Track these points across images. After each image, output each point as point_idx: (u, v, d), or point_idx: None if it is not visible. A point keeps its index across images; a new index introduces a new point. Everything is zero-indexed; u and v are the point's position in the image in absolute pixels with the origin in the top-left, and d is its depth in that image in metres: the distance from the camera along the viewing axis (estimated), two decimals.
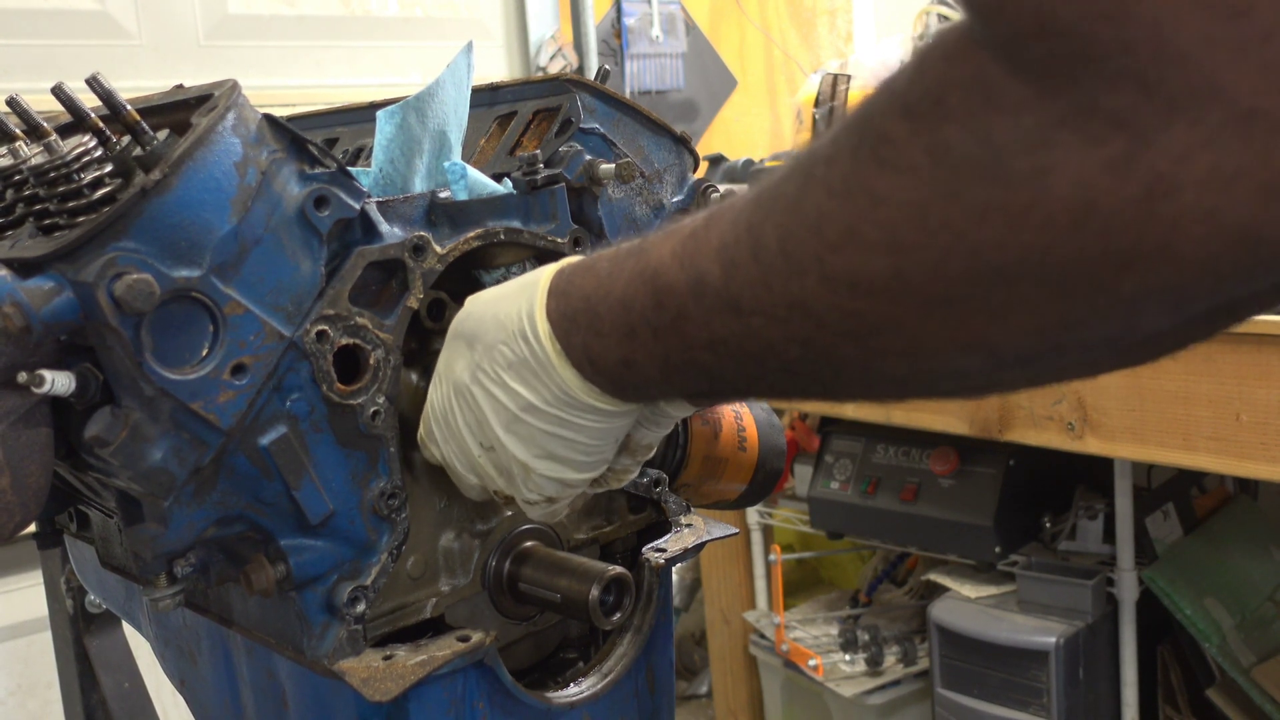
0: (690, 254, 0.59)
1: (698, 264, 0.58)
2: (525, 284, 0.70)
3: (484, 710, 0.79)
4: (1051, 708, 1.86)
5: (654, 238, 0.63)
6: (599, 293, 0.64)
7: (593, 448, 0.70)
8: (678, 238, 0.61)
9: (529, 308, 0.67)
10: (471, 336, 0.71)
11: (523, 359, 0.67)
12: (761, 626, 2.40)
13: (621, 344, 0.63)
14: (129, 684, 1.32)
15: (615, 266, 0.64)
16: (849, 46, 3.51)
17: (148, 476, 0.65)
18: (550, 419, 0.68)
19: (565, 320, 0.66)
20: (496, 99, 0.93)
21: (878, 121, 0.48)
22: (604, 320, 0.63)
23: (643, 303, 0.61)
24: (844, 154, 0.50)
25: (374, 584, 0.75)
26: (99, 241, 0.61)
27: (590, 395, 0.66)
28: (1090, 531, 1.96)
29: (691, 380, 0.63)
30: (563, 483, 0.71)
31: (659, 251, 0.61)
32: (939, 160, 0.46)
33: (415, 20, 2.61)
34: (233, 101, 0.66)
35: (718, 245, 0.57)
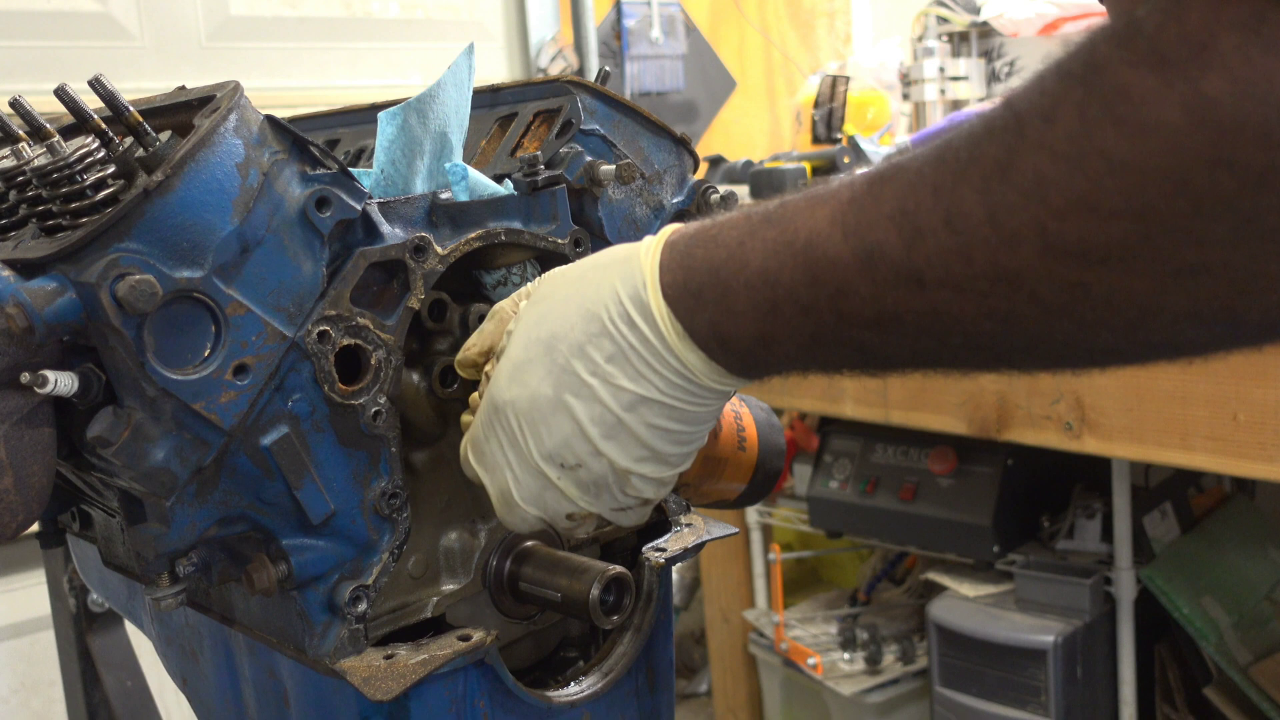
0: (856, 222, 0.52)
1: (867, 233, 0.52)
2: (615, 262, 0.63)
3: (485, 709, 0.79)
4: (1050, 706, 1.86)
5: (794, 204, 0.57)
6: (730, 265, 0.58)
7: (694, 435, 0.65)
8: (833, 205, 0.54)
9: (633, 288, 0.61)
10: (550, 341, 0.64)
11: (628, 348, 0.61)
12: (761, 625, 2.41)
13: (761, 321, 0.57)
14: (131, 682, 1.33)
15: (748, 236, 0.57)
16: (848, 48, 3.51)
17: (150, 476, 0.66)
18: (662, 411, 0.62)
19: (688, 297, 0.59)
20: (497, 100, 0.94)
21: (1115, 72, 0.42)
22: (738, 296, 0.57)
23: (791, 276, 0.55)
24: (1068, 110, 0.44)
25: (375, 583, 0.75)
26: (101, 242, 0.61)
27: (714, 378, 0.61)
28: (1088, 531, 1.96)
29: (841, 357, 0.57)
30: (660, 482, 0.67)
31: (810, 219, 0.55)
32: (1203, 122, 0.40)
33: (416, 22, 2.62)
34: (235, 103, 0.66)
35: (893, 211, 0.51)
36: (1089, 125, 0.43)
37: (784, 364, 0.60)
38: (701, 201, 0.92)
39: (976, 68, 2.52)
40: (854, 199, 0.53)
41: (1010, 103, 0.47)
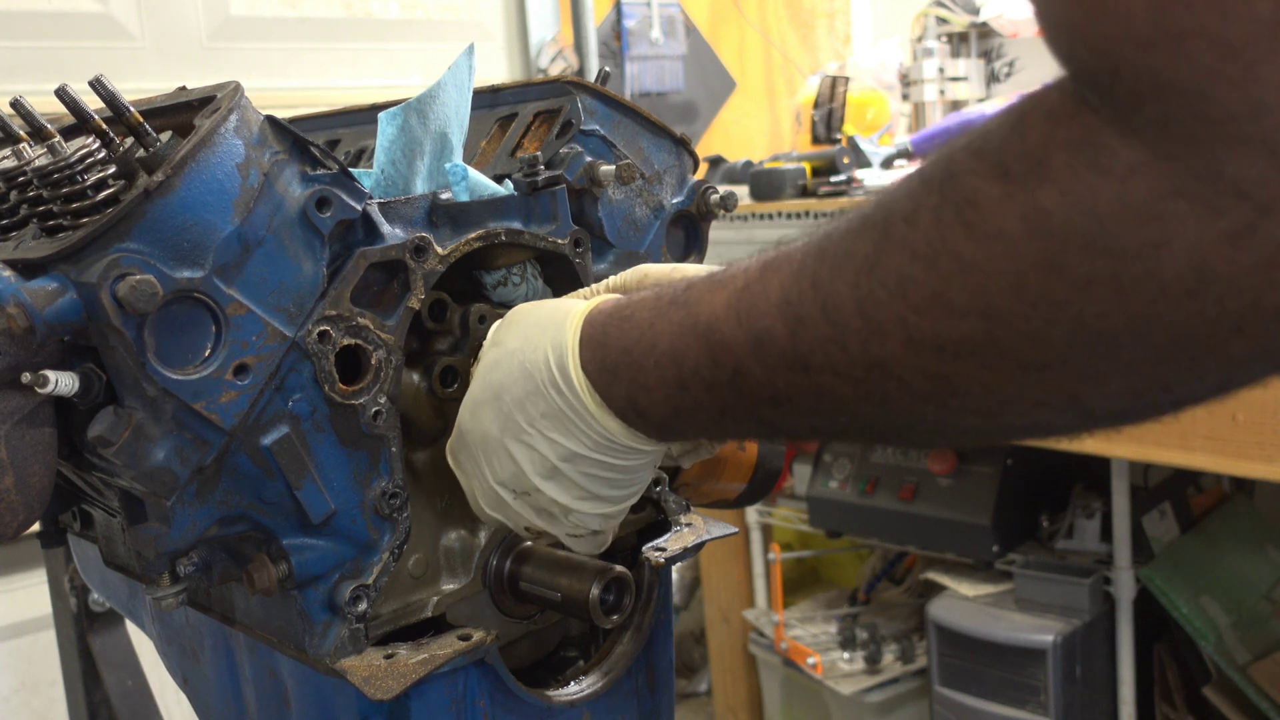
0: (747, 309, 0.56)
1: (756, 320, 0.56)
2: (548, 326, 0.67)
3: (485, 708, 0.79)
4: (1049, 705, 1.86)
5: (699, 287, 0.61)
6: (641, 345, 0.62)
7: (634, 479, 0.69)
8: (730, 290, 0.58)
9: (559, 358, 0.65)
10: (498, 389, 0.69)
11: (558, 409, 0.65)
12: (761, 625, 2.41)
13: (672, 397, 0.61)
14: (132, 682, 1.33)
15: (657, 317, 0.62)
16: (847, 48, 3.52)
17: (150, 476, 0.66)
18: (593, 464, 0.67)
19: (605, 373, 0.64)
20: (497, 101, 0.94)
21: (965, 181, 0.46)
22: (649, 374, 0.61)
23: (695, 358, 0.59)
24: (925, 214, 0.48)
25: (375, 583, 0.75)
26: (102, 242, 0.61)
27: (636, 440, 0.65)
28: (1087, 530, 1.97)
29: (748, 428, 0.61)
30: (605, 516, 0.71)
31: (710, 304, 0.59)
32: (1036, 230, 0.43)
33: (417, 22, 2.62)
34: (235, 103, 0.66)
35: (779, 301, 0.55)
36: (943, 229, 0.47)
37: (698, 432, 0.65)
38: (701, 201, 0.92)
39: (976, 68, 2.52)
40: (747, 286, 0.57)
41: (881, 203, 0.51)
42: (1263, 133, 0.38)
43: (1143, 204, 0.41)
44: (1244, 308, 0.41)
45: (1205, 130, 0.39)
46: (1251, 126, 0.38)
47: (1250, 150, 0.38)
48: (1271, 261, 0.40)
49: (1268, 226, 0.39)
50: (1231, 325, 0.42)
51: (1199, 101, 0.38)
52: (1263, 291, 0.40)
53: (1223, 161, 0.39)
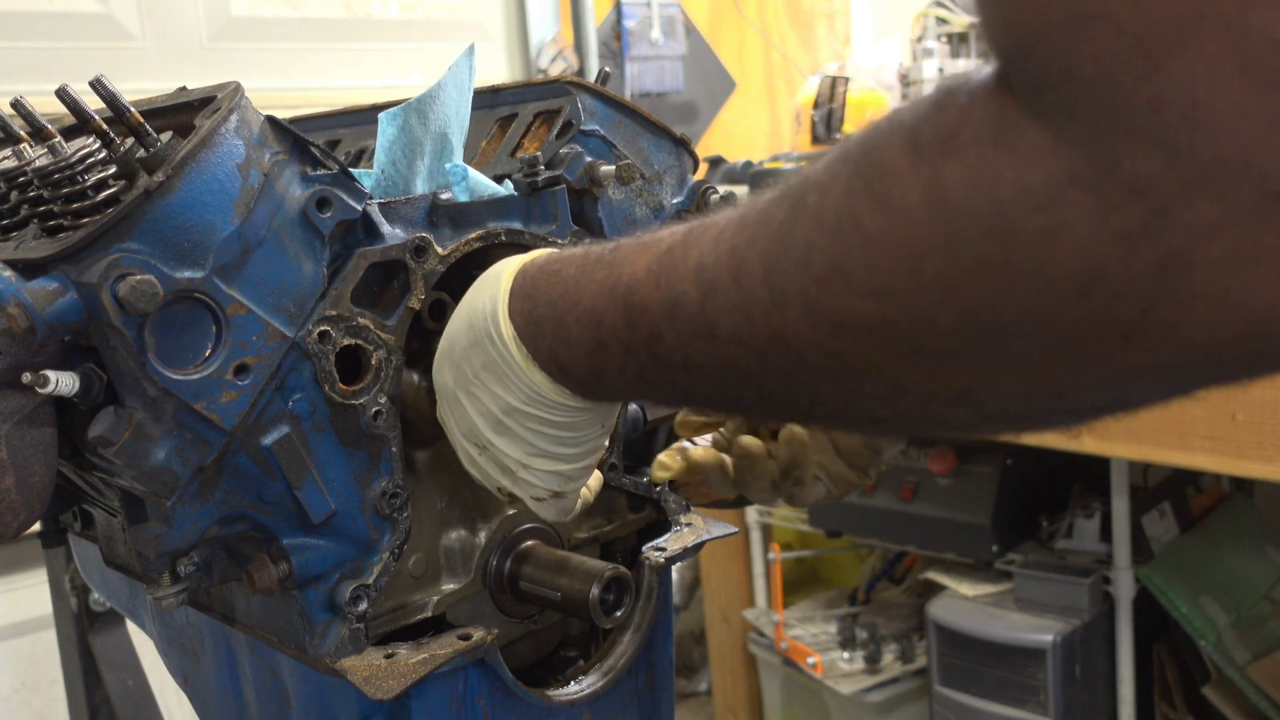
0: (666, 272, 0.56)
1: (673, 284, 0.55)
2: (488, 279, 0.68)
3: (485, 708, 0.79)
4: (1049, 705, 1.86)
5: (626, 248, 0.61)
6: (565, 301, 0.62)
7: (580, 438, 0.69)
8: (653, 253, 0.58)
9: (493, 309, 0.66)
10: (452, 339, 0.70)
11: (493, 360, 0.66)
12: (760, 624, 2.41)
13: (590, 355, 0.61)
14: (133, 681, 1.33)
15: (583, 275, 0.62)
16: (847, 49, 3.52)
17: (151, 476, 0.66)
18: (531, 418, 0.67)
19: (530, 325, 0.64)
20: (498, 101, 0.94)
21: (878, 153, 0.45)
22: (571, 330, 0.62)
23: (613, 319, 0.59)
24: (838, 183, 0.47)
25: (376, 583, 0.75)
26: (103, 243, 0.61)
27: (562, 396, 0.65)
28: (1087, 530, 1.97)
29: (665, 395, 0.61)
30: (561, 475, 0.70)
31: (632, 266, 0.59)
32: (937, 206, 0.42)
33: (417, 23, 2.62)
34: (236, 104, 0.67)
35: (695, 266, 0.54)
36: (851, 198, 0.46)
37: (618, 393, 0.64)
38: (701, 202, 0.92)
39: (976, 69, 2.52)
40: (670, 250, 0.57)
41: (803, 173, 0.50)
42: (1162, 128, 0.36)
43: (1040, 189, 0.40)
44: (1134, 315, 0.39)
45: (1107, 119, 0.38)
46: (1151, 120, 0.37)
47: (1148, 146, 0.37)
48: (1163, 267, 0.38)
49: (1161, 229, 0.37)
50: (1120, 332, 0.40)
51: (1103, 89, 0.37)
52: (1154, 300, 0.39)
53: (1121, 154, 0.37)
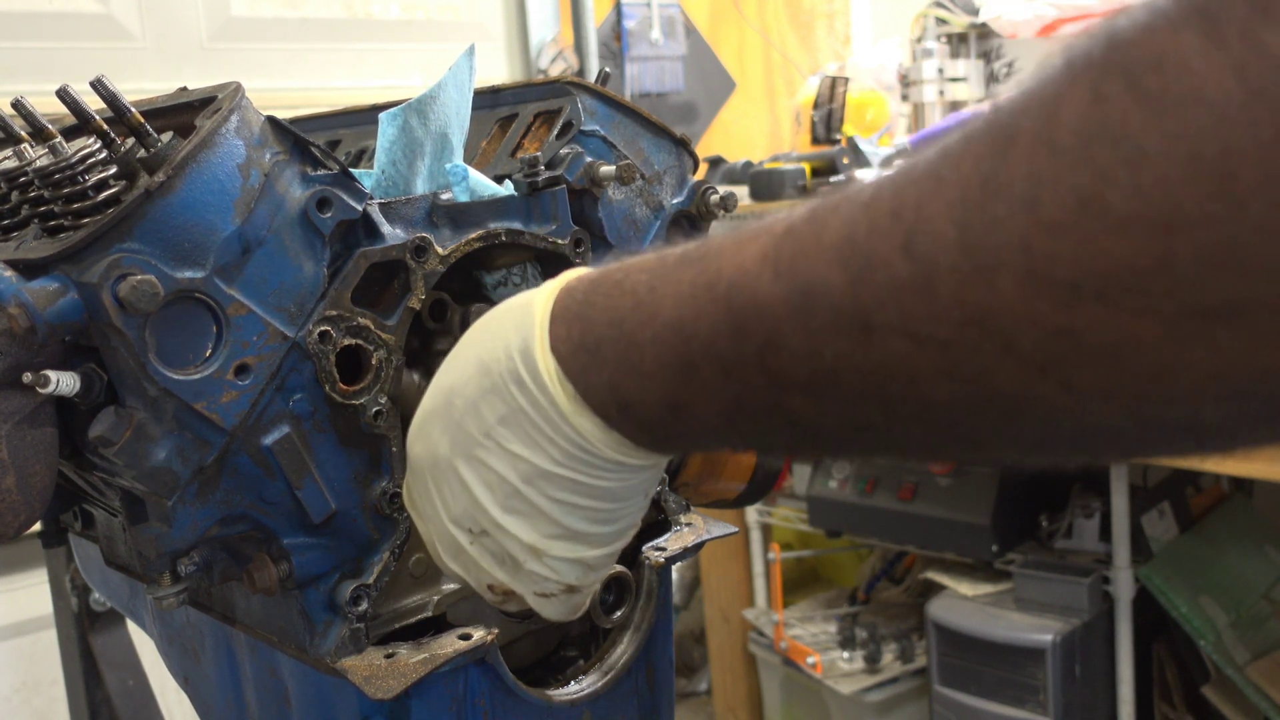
0: (791, 256, 0.42)
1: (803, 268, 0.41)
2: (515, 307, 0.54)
3: (485, 708, 0.79)
4: (1048, 705, 1.86)
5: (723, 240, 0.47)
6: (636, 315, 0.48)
7: (618, 512, 0.55)
8: (766, 238, 0.44)
9: (524, 340, 0.51)
10: (449, 393, 0.55)
11: (518, 409, 0.52)
12: (760, 624, 2.41)
13: (671, 383, 0.47)
14: (133, 681, 1.33)
15: (660, 279, 0.47)
16: (847, 49, 3.52)
17: (151, 476, 0.66)
18: (563, 485, 0.52)
19: (582, 353, 0.50)
20: (498, 101, 0.94)
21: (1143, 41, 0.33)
22: (645, 352, 0.47)
23: (710, 327, 0.44)
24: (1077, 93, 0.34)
25: (376, 582, 0.75)
26: (103, 243, 0.62)
27: (616, 450, 0.51)
28: (1087, 530, 1.97)
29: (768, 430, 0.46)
30: (583, 564, 0.56)
31: (736, 257, 0.45)
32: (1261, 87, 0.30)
33: (417, 23, 2.62)
34: (236, 104, 0.67)
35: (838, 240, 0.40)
36: (1104, 105, 0.33)
37: (699, 436, 0.49)
38: (701, 202, 0.92)
39: (975, 69, 2.52)
40: (791, 230, 0.43)
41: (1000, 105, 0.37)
42: None
43: None
44: None
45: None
46: None
47: None
48: None
49: None
50: None
51: None
52: None
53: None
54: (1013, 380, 0.37)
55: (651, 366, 0.47)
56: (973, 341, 0.37)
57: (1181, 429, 0.37)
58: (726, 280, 0.44)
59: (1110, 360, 0.35)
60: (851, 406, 0.42)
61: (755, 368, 0.43)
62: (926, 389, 0.39)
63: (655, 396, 0.48)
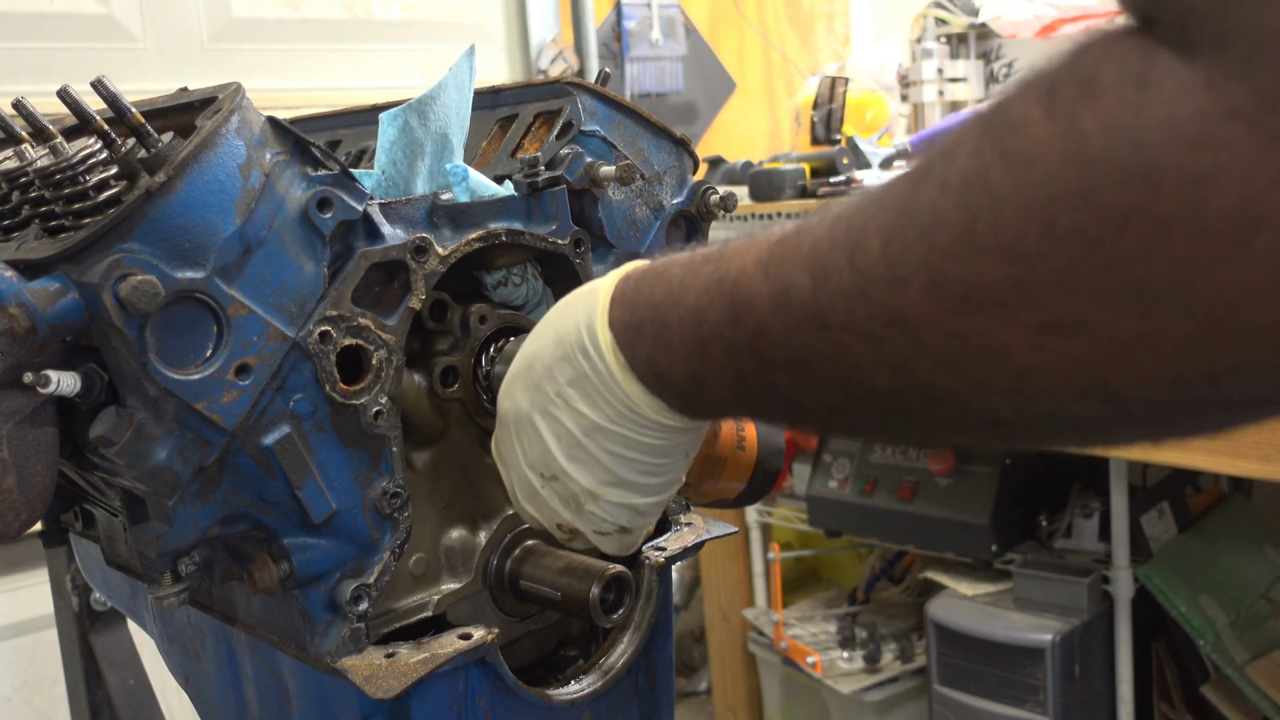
0: (778, 261, 0.52)
1: (785, 272, 0.52)
2: (585, 292, 0.65)
3: (485, 707, 0.79)
4: (1048, 704, 1.87)
5: (736, 244, 0.57)
6: (669, 301, 0.59)
7: (663, 467, 0.66)
8: (764, 244, 0.55)
9: (589, 318, 0.63)
10: (531, 358, 0.67)
11: (583, 374, 0.63)
12: (760, 624, 2.41)
13: (691, 358, 0.57)
14: (134, 681, 1.33)
15: (689, 273, 0.58)
16: (847, 49, 3.52)
17: (152, 476, 0.66)
18: (616, 439, 0.63)
19: (630, 330, 0.61)
20: (498, 102, 0.94)
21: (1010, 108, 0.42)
22: (673, 331, 0.58)
23: (717, 314, 0.55)
24: (965, 146, 0.44)
25: (376, 582, 0.76)
26: (104, 243, 0.62)
27: (657, 411, 0.61)
28: (1086, 530, 1.97)
29: (766, 404, 0.56)
30: (634, 509, 0.67)
31: (741, 259, 0.55)
32: (1073, 155, 0.39)
33: (417, 24, 2.62)
34: (237, 104, 0.67)
35: (809, 251, 0.51)
36: (980, 158, 0.43)
37: (717, 406, 0.60)
38: (701, 202, 0.92)
39: (975, 69, 2.53)
40: (782, 240, 0.53)
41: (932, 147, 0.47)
42: None
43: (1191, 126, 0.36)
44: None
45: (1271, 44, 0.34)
46: None
47: None
48: None
49: None
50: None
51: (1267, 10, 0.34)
52: None
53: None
54: (927, 371, 0.47)
55: (677, 343, 0.58)
56: (896, 338, 0.46)
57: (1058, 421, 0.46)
58: (732, 277, 0.55)
59: (989, 360, 0.44)
60: (820, 385, 0.52)
61: (748, 350, 0.54)
62: (870, 376, 0.49)
63: (680, 369, 0.58)
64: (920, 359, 0.46)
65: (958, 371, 0.45)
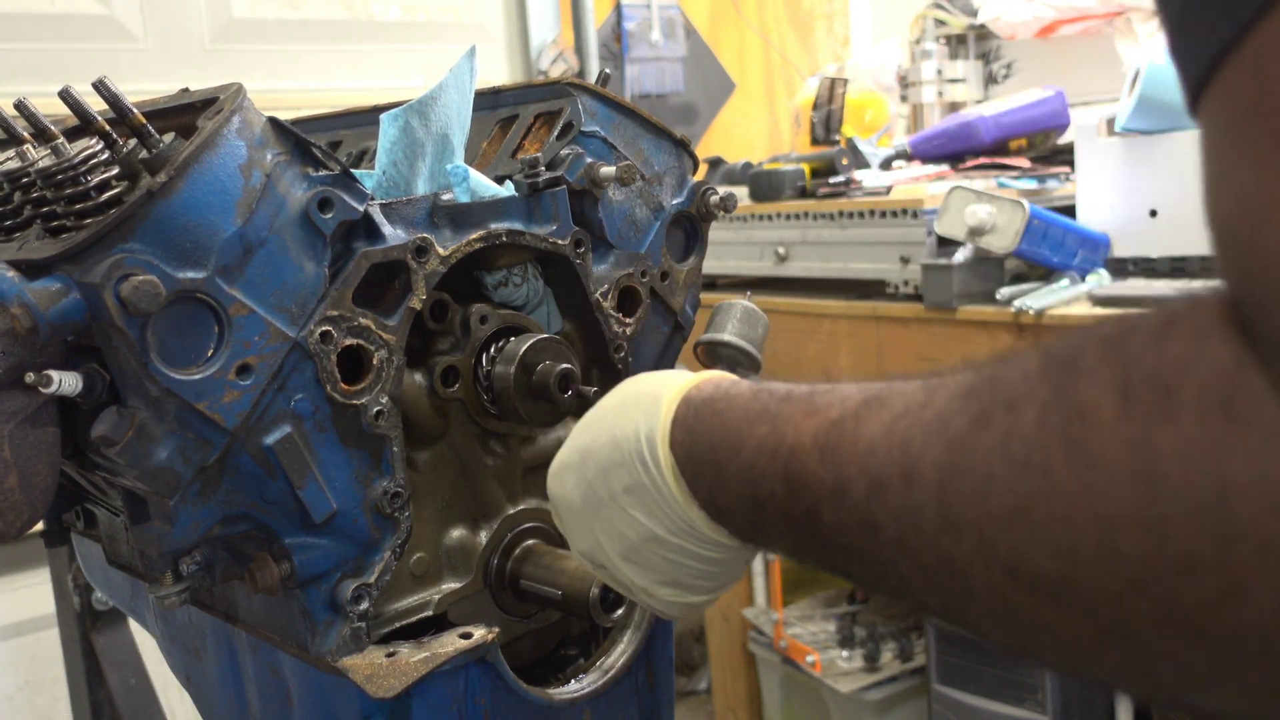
0: (834, 447, 0.51)
1: (840, 465, 0.50)
2: (644, 397, 0.64)
3: (486, 706, 0.79)
4: (1047, 703, 1.87)
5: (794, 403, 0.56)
6: (726, 447, 0.58)
7: (720, 574, 0.64)
8: (821, 419, 0.53)
9: (649, 430, 0.62)
10: (584, 453, 0.66)
11: (641, 485, 0.62)
12: (760, 623, 2.41)
13: (749, 511, 0.57)
14: (135, 680, 1.33)
15: (745, 423, 0.57)
16: (846, 50, 3.52)
17: (153, 475, 0.66)
18: (674, 549, 0.62)
19: (691, 461, 0.60)
20: (498, 102, 0.94)
21: (1083, 386, 0.38)
22: (730, 481, 0.57)
23: (772, 484, 0.54)
24: (1029, 411, 0.40)
25: (377, 582, 0.76)
26: (105, 243, 0.62)
27: (719, 534, 0.61)
28: None
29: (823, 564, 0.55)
30: (688, 605, 0.66)
31: (797, 430, 0.54)
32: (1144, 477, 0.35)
33: (418, 24, 2.62)
34: (238, 105, 0.67)
35: (865, 450, 0.49)
36: (1044, 434, 0.39)
37: (776, 549, 0.60)
38: (701, 202, 0.92)
39: (974, 70, 2.53)
40: (840, 421, 0.52)
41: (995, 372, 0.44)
42: None
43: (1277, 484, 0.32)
44: None
45: None
46: None
47: None
48: None
49: None
50: None
51: None
52: None
53: None
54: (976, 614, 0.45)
55: (735, 493, 0.58)
56: (946, 577, 0.45)
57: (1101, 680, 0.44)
58: (788, 447, 0.54)
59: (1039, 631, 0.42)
60: (874, 578, 0.51)
61: (804, 525, 0.53)
62: (922, 596, 0.48)
63: (740, 516, 0.59)
64: (971, 605, 0.44)
65: (1011, 628, 0.43)
